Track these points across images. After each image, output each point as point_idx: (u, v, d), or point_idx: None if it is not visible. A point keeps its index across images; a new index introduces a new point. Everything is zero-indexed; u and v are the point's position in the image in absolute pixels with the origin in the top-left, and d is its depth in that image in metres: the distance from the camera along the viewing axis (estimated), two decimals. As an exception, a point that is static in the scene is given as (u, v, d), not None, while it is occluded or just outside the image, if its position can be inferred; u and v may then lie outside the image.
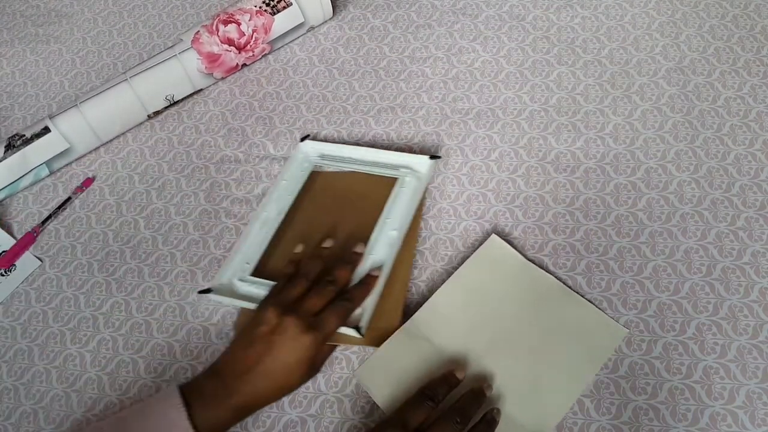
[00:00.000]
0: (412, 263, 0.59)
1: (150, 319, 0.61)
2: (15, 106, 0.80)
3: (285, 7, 0.73)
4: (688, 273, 0.56)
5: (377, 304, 0.55)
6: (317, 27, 0.79)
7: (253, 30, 0.72)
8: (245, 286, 0.58)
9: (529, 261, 0.58)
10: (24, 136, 0.68)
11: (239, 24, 0.71)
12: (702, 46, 0.70)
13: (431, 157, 0.64)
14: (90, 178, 0.72)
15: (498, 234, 0.59)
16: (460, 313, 0.55)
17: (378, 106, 0.71)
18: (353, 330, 0.53)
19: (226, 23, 0.71)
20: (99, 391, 0.57)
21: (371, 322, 0.54)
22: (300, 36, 0.78)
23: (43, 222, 0.69)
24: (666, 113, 0.66)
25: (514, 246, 0.59)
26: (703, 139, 0.63)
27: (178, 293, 0.62)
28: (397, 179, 0.63)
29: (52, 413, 0.57)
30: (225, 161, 0.70)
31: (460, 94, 0.70)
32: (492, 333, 0.54)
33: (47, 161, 0.69)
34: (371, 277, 0.56)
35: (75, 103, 0.69)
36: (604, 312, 0.55)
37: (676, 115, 0.65)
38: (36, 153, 0.68)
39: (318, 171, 0.67)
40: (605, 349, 0.53)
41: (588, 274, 0.57)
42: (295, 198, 0.64)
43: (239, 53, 0.73)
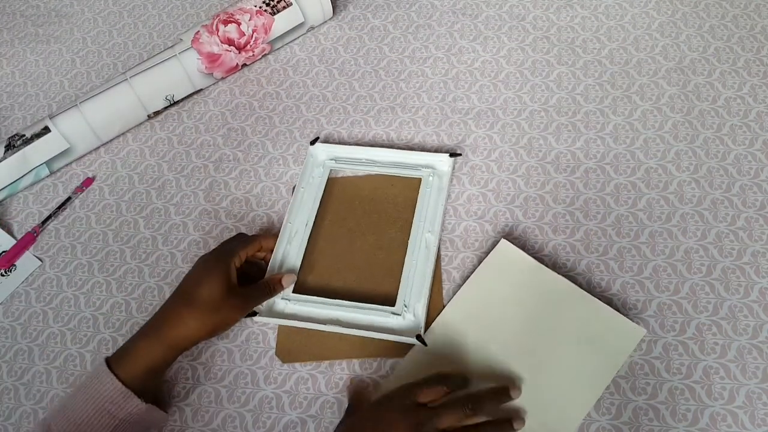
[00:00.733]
0: (441, 268, 0.60)
1: (150, 319, 0.61)
2: (15, 106, 0.79)
3: (285, 7, 0.73)
4: (688, 273, 0.56)
5: (427, 310, 0.56)
6: (317, 27, 0.79)
7: (253, 30, 0.72)
8: (290, 305, 0.58)
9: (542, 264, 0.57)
10: (24, 136, 0.68)
11: (239, 24, 0.71)
12: (702, 46, 0.70)
13: (451, 155, 0.64)
14: (90, 178, 0.72)
15: (506, 238, 0.59)
16: (474, 322, 0.55)
17: (378, 106, 0.71)
18: (415, 339, 0.54)
19: (226, 23, 0.71)
20: (99, 391, 0.57)
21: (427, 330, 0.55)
22: (300, 36, 0.78)
23: (43, 222, 0.69)
24: (666, 113, 0.66)
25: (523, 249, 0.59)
26: (703, 139, 0.63)
27: (178, 293, 0.62)
28: (422, 179, 0.63)
29: (52, 413, 0.57)
30: (224, 161, 0.70)
31: (460, 94, 0.70)
32: (506, 340, 0.54)
33: (47, 161, 0.69)
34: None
35: (75, 103, 0.69)
36: (619, 312, 0.54)
37: (676, 115, 0.65)
38: (36, 153, 0.68)
39: (334, 177, 0.66)
40: (622, 351, 0.52)
41: (588, 274, 0.57)
42: (319, 206, 0.63)
43: (239, 53, 0.73)
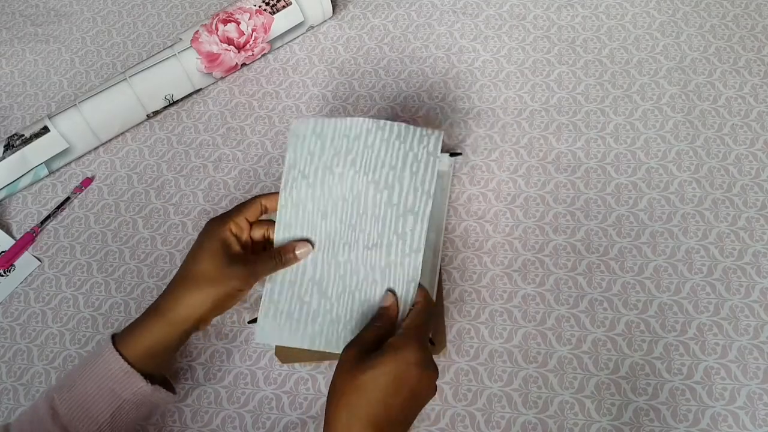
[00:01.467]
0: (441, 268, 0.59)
1: (149, 320, 0.60)
2: (14, 105, 0.79)
3: (284, 7, 0.73)
4: (689, 273, 0.56)
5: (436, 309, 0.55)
6: (317, 26, 0.79)
7: (253, 29, 0.72)
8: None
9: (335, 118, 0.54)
10: (23, 135, 0.68)
11: (239, 23, 0.71)
12: (703, 45, 0.69)
13: (451, 155, 0.64)
14: (89, 177, 0.71)
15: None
16: (305, 215, 0.53)
17: (378, 105, 0.71)
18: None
19: (225, 22, 0.71)
20: (98, 392, 0.57)
21: (434, 331, 0.54)
22: (300, 35, 0.78)
23: (42, 222, 0.69)
24: (667, 113, 0.65)
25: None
26: (704, 139, 0.63)
27: (177, 293, 0.61)
28: None
29: (51, 414, 0.57)
30: (224, 160, 0.70)
31: (460, 93, 0.70)
32: (343, 205, 0.52)
33: (46, 161, 0.69)
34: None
35: (74, 103, 0.69)
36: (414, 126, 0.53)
37: (677, 115, 0.65)
38: (35, 153, 0.68)
39: None
40: (431, 157, 0.52)
41: (589, 274, 0.57)
42: None
43: (239, 53, 0.73)
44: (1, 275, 0.66)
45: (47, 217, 0.69)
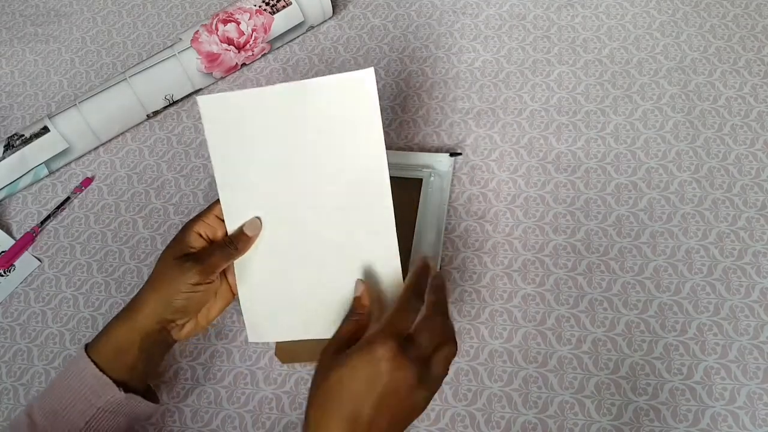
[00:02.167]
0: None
1: (149, 320, 0.60)
2: (14, 105, 0.79)
3: (284, 7, 0.73)
4: (689, 273, 0.56)
5: None
6: (317, 26, 0.79)
7: (253, 29, 0.72)
8: None
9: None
10: (23, 135, 0.68)
11: (239, 23, 0.71)
12: (703, 45, 0.69)
13: (451, 155, 0.64)
14: (89, 177, 0.71)
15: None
16: (250, 199, 0.49)
17: (378, 105, 0.71)
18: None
19: (225, 22, 0.71)
20: (98, 392, 0.57)
21: None
22: (300, 35, 0.78)
23: (42, 222, 0.69)
24: (667, 113, 0.65)
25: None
26: (704, 139, 0.63)
27: (177, 293, 0.61)
28: (422, 180, 0.63)
29: (51, 414, 0.57)
30: (224, 161, 0.70)
31: (460, 93, 0.70)
32: (288, 186, 0.48)
33: (46, 161, 0.69)
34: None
35: (74, 103, 0.69)
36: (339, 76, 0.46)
37: (677, 115, 0.65)
38: (35, 153, 0.68)
39: None
40: (369, 108, 0.46)
41: (589, 274, 0.57)
42: None
43: (239, 53, 0.73)
44: (1, 275, 0.66)
45: (47, 217, 0.69)
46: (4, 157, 0.67)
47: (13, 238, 0.68)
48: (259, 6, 0.72)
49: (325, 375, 0.41)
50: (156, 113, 0.74)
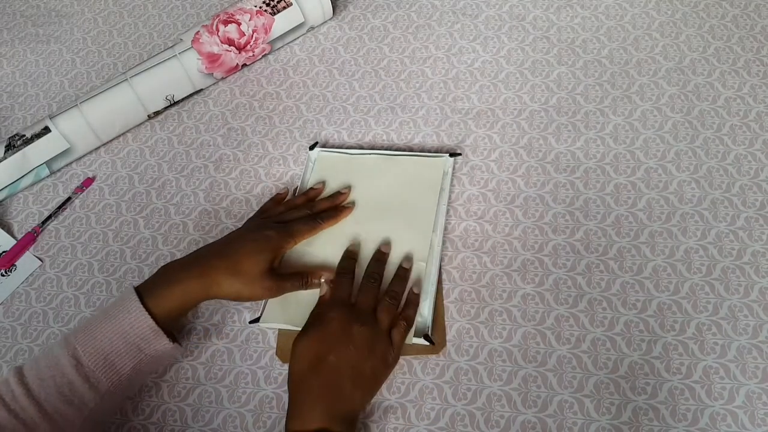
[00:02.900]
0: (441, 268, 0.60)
1: (150, 319, 0.61)
2: (15, 106, 0.80)
3: (285, 7, 0.73)
4: (688, 273, 0.56)
5: (436, 309, 0.57)
6: (317, 27, 0.79)
7: (253, 30, 0.72)
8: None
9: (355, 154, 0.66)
10: (24, 136, 0.68)
11: (239, 24, 0.71)
12: (702, 46, 0.70)
13: (451, 155, 0.64)
14: (90, 178, 0.72)
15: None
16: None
17: (378, 106, 0.71)
18: (422, 339, 0.54)
19: (226, 23, 0.71)
20: (99, 391, 0.57)
21: (433, 329, 0.56)
22: (300, 36, 0.78)
23: (44, 222, 0.69)
24: (666, 113, 0.66)
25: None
26: (703, 139, 0.63)
27: (178, 293, 0.62)
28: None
29: (52, 413, 0.57)
30: (225, 161, 0.70)
31: (460, 94, 0.70)
32: (353, 224, 0.62)
33: (47, 161, 0.70)
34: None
35: (75, 103, 0.69)
36: (423, 155, 0.64)
37: (676, 115, 0.65)
38: (36, 153, 0.68)
39: None
40: (435, 180, 0.62)
41: (588, 274, 0.57)
42: None
43: (239, 53, 0.73)
44: (3, 275, 0.66)
45: (48, 217, 0.69)
46: (5, 158, 0.67)
47: (15, 238, 0.68)
48: (260, 7, 0.72)
49: (294, 349, 0.52)
50: (157, 113, 0.74)
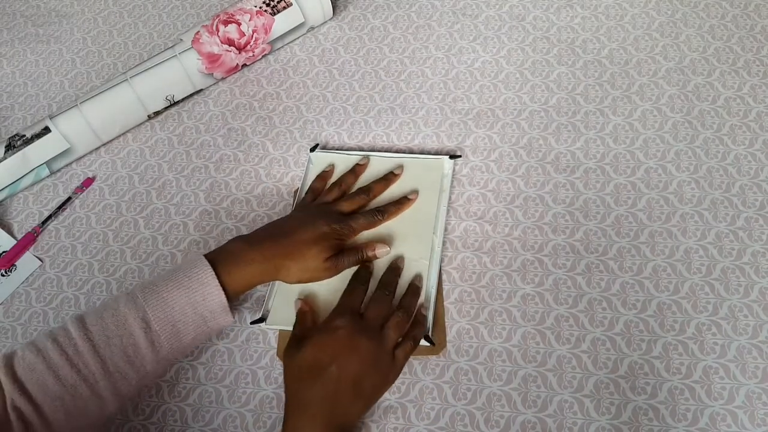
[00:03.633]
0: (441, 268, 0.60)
1: (150, 319, 0.61)
2: (15, 106, 0.80)
3: (285, 8, 0.73)
4: (687, 273, 0.56)
5: (436, 310, 0.57)
6: (317, 27, 0.79)
7: (254, 30, 0.72)
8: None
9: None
10: (24, 136, 0.68)
11: (239, 24, 0.71)
12: (702, 46, 0.70)
13: (451, 157, 0.64)
14: (90, 178, 0.72)
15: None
16: None
17: (378, 106, 0.71)
18: (423, 340, 0.54)
19: (226, 23, 0.71)
20: (99, 391, 0.57)
21: (433, 330, 0.56)
22: (300, 36, 0.78)
23: (44, 222, 0.69)
24: (666, 113, 0.66)
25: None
26: (703, 139, 0.63)
27: (178, 293, 0.62)
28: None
29: (52, 413, 0.57)
30: (225, 161, 0.70)
31: (460, 94, 0.70)
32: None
33: (47, 161, 0.70)
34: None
35: (75, 103, 0.69)
36: (423, 157, 0.65)
37: (675, 115, 0.65)
38: (36, 153, 0.68)
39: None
40: (435, 182, 0.63)
41: (588, 274, 0.57)
42: None
43: (239, 53, 0.73)
44: (3, 275, 0.66)
45: (48, 217, 0.69)
46: (5, 158, 0.68)
47: (15, 238, 0.68)
48: (260, 7, 0.72)
49: (292, 356, 0.52)
50: (157, 114, 0.74)
